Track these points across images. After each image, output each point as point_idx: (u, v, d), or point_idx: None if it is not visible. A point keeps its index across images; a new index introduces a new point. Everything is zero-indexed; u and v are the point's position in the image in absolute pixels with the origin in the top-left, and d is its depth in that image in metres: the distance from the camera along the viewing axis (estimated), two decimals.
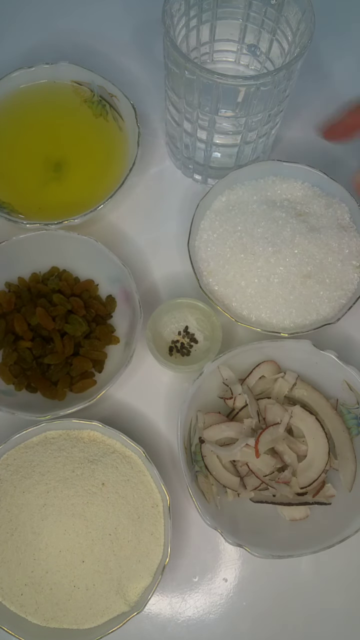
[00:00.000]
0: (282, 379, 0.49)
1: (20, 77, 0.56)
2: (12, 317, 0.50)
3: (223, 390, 0.50)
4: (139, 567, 0.44)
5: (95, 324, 0.51)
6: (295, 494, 0.46)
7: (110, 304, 0.52)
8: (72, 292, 0.52)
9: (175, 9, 0.45)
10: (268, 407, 0.48)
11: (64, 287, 0.51)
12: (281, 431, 0.46)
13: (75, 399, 0.49)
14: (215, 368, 0.48)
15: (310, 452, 0.47)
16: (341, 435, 0.48)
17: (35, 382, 0.49)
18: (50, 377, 0.50)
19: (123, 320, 0.52)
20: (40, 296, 0.51)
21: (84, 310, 0.50)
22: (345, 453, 0.47)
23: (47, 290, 0.51)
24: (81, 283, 0.53)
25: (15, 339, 0.50)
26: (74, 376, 0.50)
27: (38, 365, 0.50)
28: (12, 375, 0.49)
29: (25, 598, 0.44)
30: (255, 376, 0.49)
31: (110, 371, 0.50)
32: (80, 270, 0.53)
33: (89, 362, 0.50)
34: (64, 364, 0.50)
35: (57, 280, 0.51)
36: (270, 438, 0.46)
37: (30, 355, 0.49)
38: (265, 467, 0.46)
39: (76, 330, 0.49)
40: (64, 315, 0.50)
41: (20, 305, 0.50)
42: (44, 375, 0.50)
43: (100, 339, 0.51)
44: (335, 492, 0.47)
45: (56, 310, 0.49)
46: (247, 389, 0.48)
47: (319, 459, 0.46)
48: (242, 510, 0.47)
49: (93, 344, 0.50)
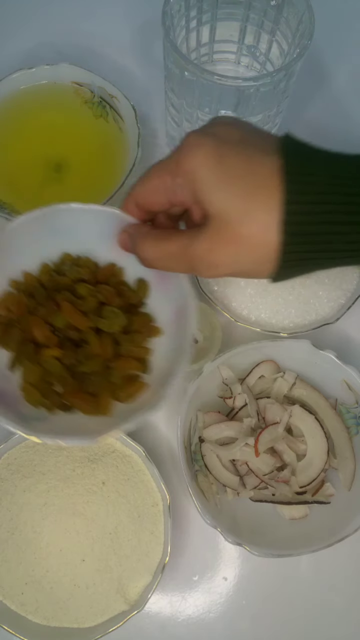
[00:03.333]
0: (282, 379, 0.49)
1: (20, 78, 0.56)
2: (26, 322, 0.39)
3: (223, 389, 0.50)
4: (139, 565, 0.44)
5: (130, 315, 0.41)
6: (294, 493, 0.47)
7: (142, 288, 0.42)
8: (97, 280, 0.42)
9: (175, 10, 0.45)
10: (267, 407, 0.48)
11: (86, 275, 0.41)
12: (280, 430, 0.46)
13: (127, 412, 0.38)
14: (215, 368, 0.49)
15: (309, 451, 0.47)
16: (340, 435, 0.48)
17: (71, 398, 0.39)
18: (89, 389, 0.39)
19: (162, 307, 0.42)
20: (59, 290, 0.40)
21: (118, 299, 0.41)
22: (344, 452, 0.48)
23: (67, 282, 0.41)
24: (104, 268, 0.42)
25: (36, 348, 0.39)
26: (117, 382, 0.40)
27: (72, 376, 0.39)
28: (40, 395, 0.38)
29: (25, 597, 0.44)
30: (254, 376, 0.49)
31: (161, 371, 0.40)
32: (97, 254, 0.43)
33: (133, 361, 0.40)
34: (104, 369, 0.40)
35: (75, 268, 0.41)
36: (270, 437, 0.46)
37: (60, 366, 0.39)
38: (265, 466, 0.46)
39: (113, 324, 0.40)
40: (97, 308, 0.40)
41: (34, 306, 0.40)
42: (81, 387, 0.39)
43: (141, 331, 0.41)
44: (334, 491, 0.47)
45: (86, 304, 0.40)
46: (247, 388, 0.49)
47: (318, 458, 0.46)
48: (241, 509, 0.47)
49: (134, 338, 0.40)
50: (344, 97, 0.62)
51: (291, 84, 0.45)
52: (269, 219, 0.29)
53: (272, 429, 0.46)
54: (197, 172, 0.30)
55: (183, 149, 0.31)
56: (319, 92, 0.62)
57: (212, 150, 0.30)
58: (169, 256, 0.33)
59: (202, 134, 0.31)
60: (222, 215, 0.30)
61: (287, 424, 0.47)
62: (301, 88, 0.61)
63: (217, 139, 0.30)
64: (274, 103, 0.46)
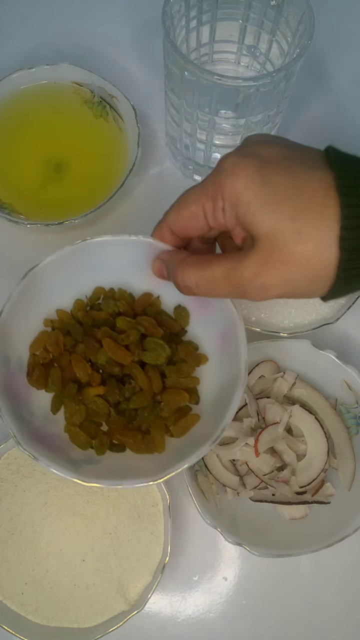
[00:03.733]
0: (282, 379, 0.49)
1: (20, 78, 0.56)
2: (66, 361, 0.38)
3: None
4: (139, 565, 0.44)
5: (174, 345, 0.40)
6: (294, 493, 0.47)
7: (183, 316, 0.41)
8: (134, 311, 0.41)
9: (175, 10, 0.45)
10: (267, 407, 0.48)
11: (124, 307, 0.40)
12: (280, 430, 0.46)
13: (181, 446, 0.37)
14: None
15: (309, 451, 0.47)
16: (340, 435, 0.48)
17: (121, 437, 0.38)
18: (139, 426, 0.38)
19: (203, 332, 0.41)
20: (96, 326, 0.40)
21: (160, 329, 0.40)
22: (344, 452, 0.48)
23: (104, 317, 0.40)
24: (140, 299, 0.42)
25: (79, 388, 0.38)
26: (166, 417, 0.39)
27: (118, 413, 0.39)
28: (87, 437, 0.37)
29: (25, 597, 0.44)
30: (254, 376, 0.49)
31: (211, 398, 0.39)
32: (133, 283, 0.42)
33: (183, 393, 0.39)
34: (152, 404, 0.39)
35: (113, 301, 0.40)
36: (270, 437, 0.46)
37: (106, 404, 0.38)
38: (265, 466, 0.46)
39: (159, 356, 0.38)
40: (138, 341, 0.39)
41: (72, 344, 0.39)
42: (129, 425, 0.39)
43: (187, 361, 0.40)
44: (334, 491, 0.47)
45: (127, 338, 0.38)
46: (247, 388, 0.49)
47: (318, 458, 0.47)
48: (241, 509, 0.47)
49: (181, 369, 0.39)
50: (344, 97, 0.62)
51: (291, 84, 0.45)
52: (324, 237, 0.28)
53: (272, 429, 0.46)
54: (242, 195, 0.29)
55: (221, 171, 0.30)
56: (319, 92, 0.62)
57: (256, 172, 0.29)
58: (213, 282, 0.32)
59: (241, 156, 0.30)
60: (272, 237, 0.29)
61: (287, 424, 0.47)
62: (301, 88, 0.61)
63: (259, 160, 0.30)
64: (274, 103, 0.46)
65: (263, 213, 0.29)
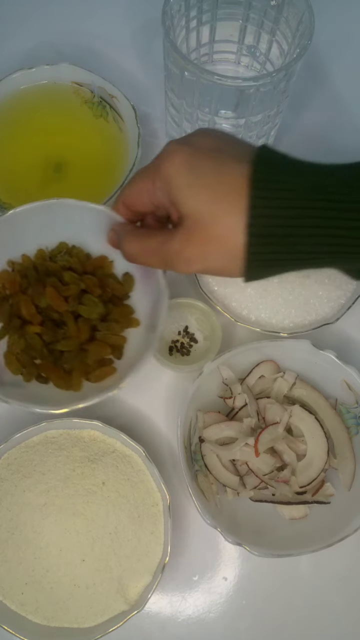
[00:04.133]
0: (282, 379, 0.49)
1: (20, 78, 0.56)
2: (17, 299, 0.44)
3: (223, 389, 0.50)
4: (139, 565, 0.44)
5: (112, 305, 0.46)
6: (294, 493, 0.47)
7: (128, 282, 0.47)
8: (84, 269, 0.46)
9: (175, 10, 0.45)
10: (268, 407, 0.48)
11: (75, 264, 0.45)
12: (280, 430, 0.46)
13: (93, 390, 0.43)
14: (215, 368, 0.49)
15: (309, 451, 0.47)
16: (340, 435, 0.48)
17: (47, 372, 0.44)
18: (64, 366, 0.44)
19: (143, 300, 0.46)
20: (48, 275, 0.45)
21: (99, 289, 0.45)
22: (344, 452, 0.48)
23: (56, 268, 0.45)
24: (94, 259, 0.47)
25: (22, 323, 0.44)
26: (90, 364, 0.44)
27: (49, 352, 0.44)
28: (20, 365, 0.44)
29: (25, 597, 0.44)
30: (254, 376, 0.49)
31: (130, 358, 0.45)
32: (91, 246, 0.47)
33: (107, 347, 0.44)
34: (78, 350, 0.44)
35: (67, 257, 0.46)
36: (270, 437, 0.46)
37: (40, 342, 0.44)
38: (265, 466, 0.46)
39: (92, 311, 0.44)
40: (78, 295, 0.44)
41: (26, 286, 0.45)
42: (56, 363, 0.44)
43: (119, 321, 0.45)
44: (334, 491, 0.47)
45: (68, 290, 0.44)
46: (247, 388, 0.49)
47: (318, 458, 0.46)
48: (241, 509, 0.47)
49: (111, 327, 0.45)
50: (344, 97, 0.62)
51: (291, 84, 0.46)
52: (236, 222, 0.31)
53: (272, 429, 0.46)
54: (172, 178, 0.33)
55: (162, 155, 0.34)
56: (319, 92, 0.62)
57: (186, 158, 0.33)
58: (148, 252, 0.37)
59: (179, 143, 0.34)
60: (194, 217, 0.33)
61: (287, 424, 0.47)
62: (301, 88, 0.61)
63: (192, 148, 0.33)
64: (274, 103, 0.46)
65: (188, 195, 0.33)
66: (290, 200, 0.31)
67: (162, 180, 0.34)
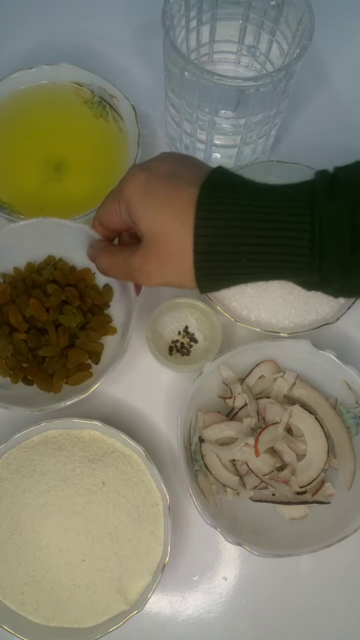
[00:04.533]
0: (282, 379, 0.49)
1: (21, 78, 0.56)
2: (7, 308, 0.49)
3: (223, 389, 0.50)
4: (139, 566, 0.44)
5: (91, 314, 0.50)
6: (294, 493, 0.46)
7: (107, 293, 0.51)
8: (67, 281, 0.50)
9: (175, 10, 0.45)
10: (268, 407, 0.48)
11: (58, 276, 0.50)
12: (280, 430, 0.46)
13: (72, 392, 0.48)
14: (215, 368, 0.49)
15: (309, 451, 0.47)
16: (340, 435, 0.48)
17: (32, 375, 0.49)
18: (47, 370, 0.49)
19: (121, 310, 0.51)
20: (35, 286, 0.49)
21: (78, 300, 0.49)
22: (344, 452, 0.48)
23: (41, 280, 0.50)
24: (77, 272, 0.51)
25: (11, 330, 0.49)
26: (70, 368, 0.49)
27: (34, 357, 0.49)
28: (8, 368, 0.48)
29: (25, 597, 0.44)
30: (254, 376, 0.49)
31: (108, 363, 0.48)
32: (77, 259, 0.52)
33: (84, 353, 0.49)
34: (59, 356, 0.49)
35: (51, 270, 0.50)
36: (270, 437, 0.46)
37: (26, 348, 0.48)
38: (265, 466, 0.46)
39: (70, 321, 0.48)
40: (58, 306, 0.49)
41: (16, 297, 0.49)
42: (40, 367, 0.49)
43: (96, 329, 0.50)
44: (334, 491, 0.47)
45: (50, 301, 0.48)
46: (247, 388, 0.49)
47: (318, 458, 0.46)
48: (241, 509, 0.47)
49: (89, 335, 0.49)
50: (344, 97, 0.62)
51: (291, 84, 0.46)
52: (184, 241, 0.35)
53: (272, 429, 0.46)
54: (131, 199, 0.37)
55: (124, 178, 0.38)
56: (319, 92, 0.62)
57: (143, 182, 0.36)
58: (115, 266, 0.41)
59: (139, 168, 0.38)
60: (150, 235, 0.36)
61: (287, 424, 0.47)
62: (301, 88, 0.61)
63: (150, 172, 0.37)
64: (274, 103, 0.46)
65: (144, 215, 0.36)
66: (230, 221, 0.34)
67: (124, 201, 0.38)
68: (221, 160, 0.54)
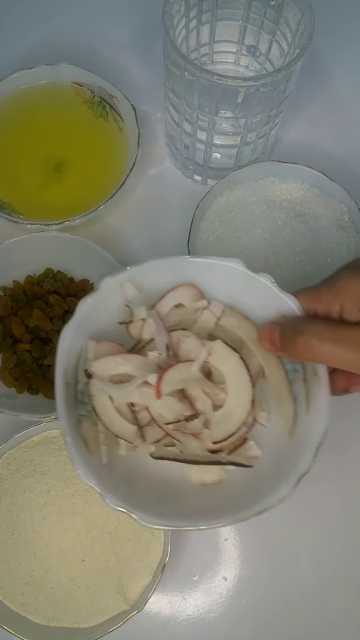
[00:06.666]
0: (207, 311, 0.39)
1: (20, 78, 0.56)
2: (9, 320, 0.50)
3: (126, 315, 0.39)
4: (139, 565, 0.44)
5: None
6: (206, 451, 0.37)
7: None
8: (68, 292, 0.52)
9: (175, 10, 0.45)
10: (181, 339, 0.38)
11: (59, 287, 0.51)
12: (195, 370, 0.36)
13: None
14: (117, 285, 0.38)
15: (229, 398, 0.37)
16: (277, 374, 0.38)
17: (37, 384, 0.49)
18: (51, 378, 0.48)
19: None
20: (36, 298, 0.51)
21: None
22: (282, 394, 0.38)
23: (43, 292, 0.51)
24: (76, 283, 0.52)
25: (14, 342, 0.50)
26: None
27: (38, 367, 0.49)
28: (13, 379, 0.49)
29: (25, 597, 0.44)
30: (169, 302, 0.39)
31: None
32: (75, 271, 0.53)
33: None
34: None
35: (52, 282, 0.52)
36: (179, 377, 0.36)
37: (30, 358, 0.49)
38: (168, 412, 0.36)
39: None
40: (61, 315, 0.50)
41: (17, 309, 0.51)
42: (45, 376, 0.49)
43: None
44: (260, 452, 0.37)
45: (53, 311, 0.50)
46: (156, 314, 0.38)
47: (239, 407, 0.37)
48: (143, 470, 0.37)
49: None
50: (344, 97, 0.62)
51: (291, 84, 0.45)
52: None
53: (182, 367, 0.36)
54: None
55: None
56: (319, 92, 0.62)
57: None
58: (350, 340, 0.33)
59: None
60: None
61: (204, 364, 0.37)
62: (301, 88, 0.61)
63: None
64: (274, 103, 0.46)
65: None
66: None
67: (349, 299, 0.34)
68: (221, 160, 0.54)
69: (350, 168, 0.57)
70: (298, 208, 0.52)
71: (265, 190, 0.53)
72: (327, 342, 0.32)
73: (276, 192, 0.53)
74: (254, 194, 0.52)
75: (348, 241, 0.51)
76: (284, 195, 0.52)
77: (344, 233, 0.51)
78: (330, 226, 0.51)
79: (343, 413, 0.41)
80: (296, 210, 0.51)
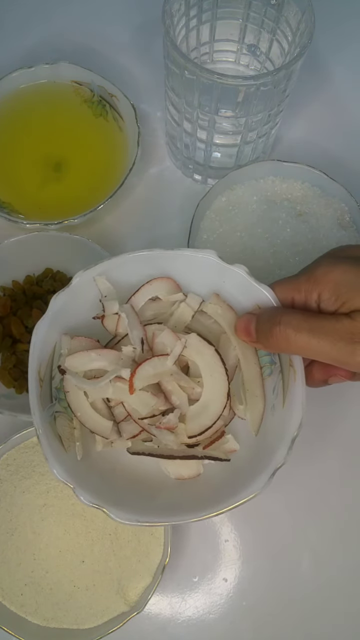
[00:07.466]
0: (184, 304, 0.39)
1: (20, 77, 0.56)
2: (8, 320, 0.50)
3: (100, 309, 0.39)
4: (139, 567, 0.44)
5: None
6: (183, 445, 0.37)
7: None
8: None
9: (175, 9, 0.45)
10: (156, 333, 0.37)
11: (58, 287, 0.51)
12: (170, 364, 0.36)
13: None
14: (90, 279, 0.38)
15: (205, 392, 0.37)
16: (252, 369, 0.38)
17: None
18: None
19: None
20: (35, 298, 0.51)
21: None
22: (254, 389, 0.38)
23: (42, 292, 0.51)
24: None
25: (13, 342, 0.50)
26: None
27: None
28: (12, 379, 0.49)
29: (25, 598, 0.44)
30: (144, 295, 0.39)
31: None
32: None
33: None
34: None
35: (51, 281, 0.51)
36: (154, 372, 0.36)
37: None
38: (142, 407, 0.36)
39: None
40: None
41: (16, 309, 0.50)
42: None
43: None
44: (237, 446, 0.38)
45: None
46: (130, 308, 0.38)
47: (215, 401, 0.37)
48: (118, 465, 0.38)
49: None
50: (344, 97, 0.62)
51: (292, 83, 0.45)
52: None
53: (156, 361, 0.36)
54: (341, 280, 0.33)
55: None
56: (319, 91, 0.62)
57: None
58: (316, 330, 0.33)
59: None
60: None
61: (179, 358, 0.37)
62: (302, 87, 0.61)
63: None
64: (275, 102, 0.46)
65: None
66: None
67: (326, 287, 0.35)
68: (222, 159, 0.54)
69: (351, 167, 0.57)
70: (299, 207, 0.51)
71: (266, 190, 0.52)
72: (303, 333, 0.32)
73: (277, 191, 0.52)
74: (255, 194, 0.52)
75: (349, 241, 0.50)
76: (285, 195, 0.52)
77: (345, 232, 0.51)
78: (331, 226, 0.50)
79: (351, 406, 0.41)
80: (297, 210, 0.51)
